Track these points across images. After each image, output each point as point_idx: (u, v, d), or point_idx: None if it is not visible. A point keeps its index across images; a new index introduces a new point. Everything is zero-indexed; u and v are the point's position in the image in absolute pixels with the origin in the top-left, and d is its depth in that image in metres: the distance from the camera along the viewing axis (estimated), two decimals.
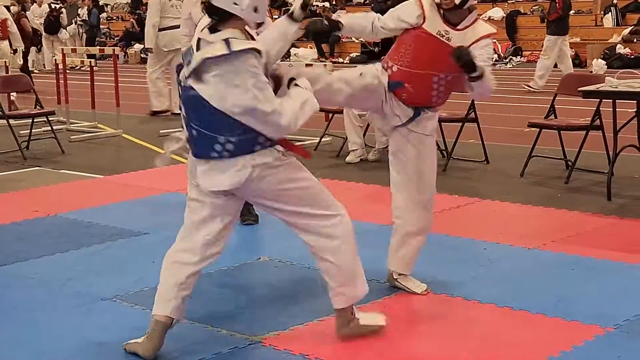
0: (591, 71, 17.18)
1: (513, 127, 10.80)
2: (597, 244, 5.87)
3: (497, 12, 22.61)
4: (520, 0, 23.24)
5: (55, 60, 13.54)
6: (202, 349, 4.26)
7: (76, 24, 25.37)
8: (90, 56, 14.23)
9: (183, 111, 4.01)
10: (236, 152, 3.93)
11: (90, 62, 12.81)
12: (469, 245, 5.93)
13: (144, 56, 24.66)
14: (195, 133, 3.96)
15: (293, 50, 20.61)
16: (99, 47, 21.68)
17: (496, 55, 21.33)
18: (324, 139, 9.95)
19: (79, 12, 25.90)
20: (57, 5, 23.83)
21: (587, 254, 5.64)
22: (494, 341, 4.29)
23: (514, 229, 6.37)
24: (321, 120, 9.91)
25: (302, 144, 9.37)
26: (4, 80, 11.38)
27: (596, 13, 21.45)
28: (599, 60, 18.52)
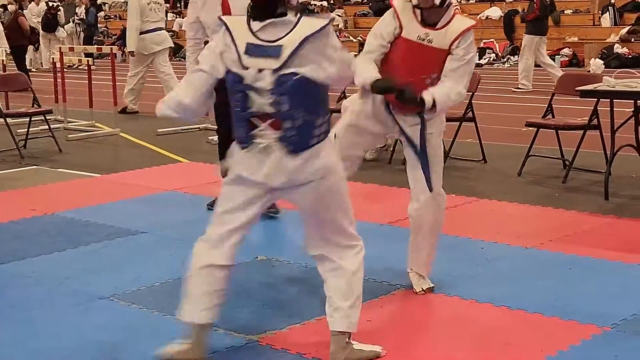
0: (589, 71, 17.20)
1: (511, 126, 10.81)
2: (594, 244, 5.88)
3: (495, 12, 22.60)
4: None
5: (53, 59, 13.53)
6: None
7: (74, 22, 25.35)
8: (87, 55, 14.26)
9: (273, 108, 3.78)
10: (326, 133, 3.92)
11: (88, 60, 12.81)
12: (466, 244, 5.94)
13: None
14: (300, 122, 3.78)
15: None
16: (96, 45, 21.69)
17: (494, 55, 21.36)
18: None
19: (77, 11, 25.88)
20: (54, 4, 23.82)
21: (585, 253, 5.64)
22: (491, 340, 4.29)
23: (511, 228, 6.37)
24: None
25: None
26: (1, 79, 11.38)
27: (594, 12, 21.47)
28: (597, 59, 18.53)
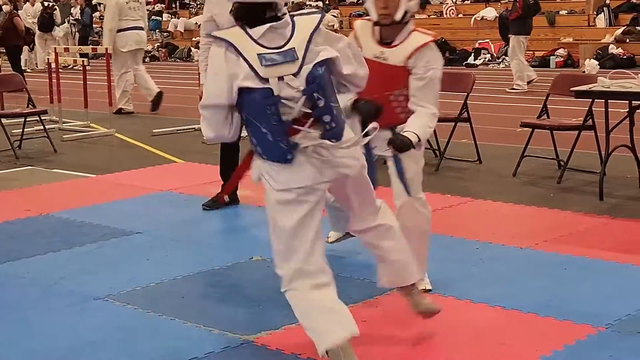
0: (584, 71, 17.22)
1: (505, 127, 10.82)
2: (589, 244, 5.89)
3: (490, 12, 22.61)
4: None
5: (48, 59, 13.53)
6: (194, 348, 4.26)
7: (69, 23, 25.34)
8: (82, 55, 14.25)
9: (309, 107, 3.70)
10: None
11: (83, 61, 12.81)
12: (461, 244, 5.94)
13: None
14: (335, 112, 3.77)
15: None
16: (91, 46, 21.66)
17: (489, 55, 21.37)
18: None
19: (72, 11, 25.87)
20: (50, 3, 23.82)
21: (579, 253, 5.65)
22: (485, 341, 4.29)
23: (506, 228, 6.38)
24: None
25: None
26: None
27: (589, 13, 21.50)
28: (592, 60, 18.55)
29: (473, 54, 21.46)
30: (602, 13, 20.95)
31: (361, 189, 4.02)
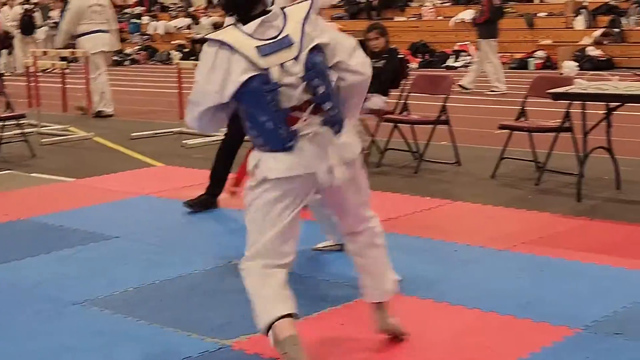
0: (561, 73, 17.29)
1: (484, 129, 10.84)
2: (567, 245, 5.91)
3: (469, 15, 22.60)
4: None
5: (27, 63, 13.48)
6: (172, 353, 4.26)
7: (48, 27, 25.22)
8: (62, 59, 14.16)
9: (311, 93, 3.77)
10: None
11: (62, 64, 12.75)
12: (439, 247, 5.96)
13: (118, 59, 24.64)
14: (335, 100, 3.84)
15: None
16: (70, 49, 21.54)
17: (468, 57, 21.41)
18: None
19: (50, 14, 25.74)
20: (30, 6, 23.70)
21: (557, 255, 5.67)
22: (463, 343, 4.31)
23: (484, 230, 6.40)
24: None
25: None
26: None
27: (567, 15, 21.59)
28: (569, 61, 18.63)
29: (454, 56, 21.49)
30: (581, 15, 21.06)
31: (359, 187, 4.04)
